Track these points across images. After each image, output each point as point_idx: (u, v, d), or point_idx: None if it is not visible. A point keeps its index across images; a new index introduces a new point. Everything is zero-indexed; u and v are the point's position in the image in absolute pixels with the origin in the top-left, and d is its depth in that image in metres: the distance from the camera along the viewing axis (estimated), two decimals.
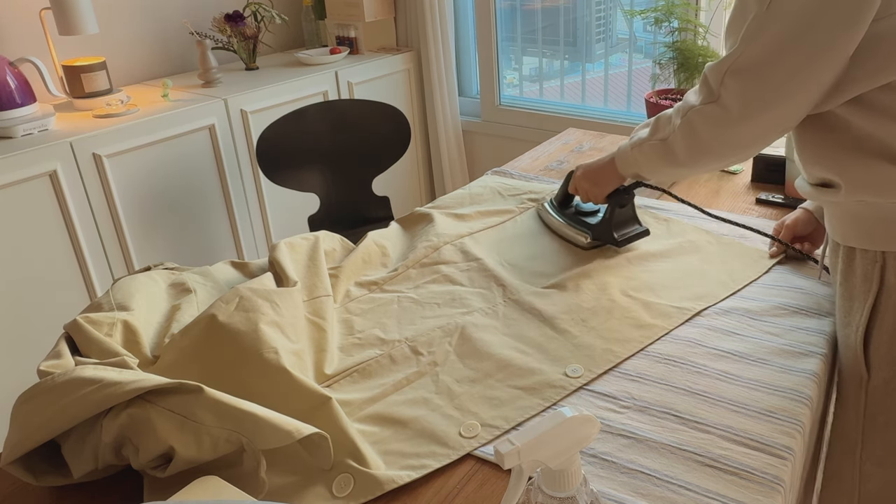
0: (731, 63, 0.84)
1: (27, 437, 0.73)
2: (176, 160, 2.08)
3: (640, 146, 1.03)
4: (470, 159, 2.96)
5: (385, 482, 0.75)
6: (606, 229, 1.19)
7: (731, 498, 0.71)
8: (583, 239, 1.21)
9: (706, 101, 0.89)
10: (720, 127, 0.88)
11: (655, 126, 1.01)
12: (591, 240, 1.20)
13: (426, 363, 0.94)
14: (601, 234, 1.20)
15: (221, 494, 0.65)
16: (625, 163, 1.09)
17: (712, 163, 0.95)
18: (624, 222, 1.20)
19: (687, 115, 0.93)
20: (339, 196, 2.17)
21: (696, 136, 0.92)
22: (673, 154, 0.97)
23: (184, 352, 0.88)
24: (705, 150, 0.92)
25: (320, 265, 1.11)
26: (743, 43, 0.82)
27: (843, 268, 0.93)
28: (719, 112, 0.87)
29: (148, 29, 2.42)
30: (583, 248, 1.20)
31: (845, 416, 0.97)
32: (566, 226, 1.25)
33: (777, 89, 0.81)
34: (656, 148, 1.00)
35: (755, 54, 0.81)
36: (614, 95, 2.62)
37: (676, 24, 1.53)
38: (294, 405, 0.80)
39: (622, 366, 0.93)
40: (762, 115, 0.84)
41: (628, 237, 1.19)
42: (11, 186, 1.73)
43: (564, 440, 0.55)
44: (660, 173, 1.05)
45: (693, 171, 1.00)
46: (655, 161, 1.01)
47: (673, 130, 0.96)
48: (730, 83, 0.85)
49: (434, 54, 2.69)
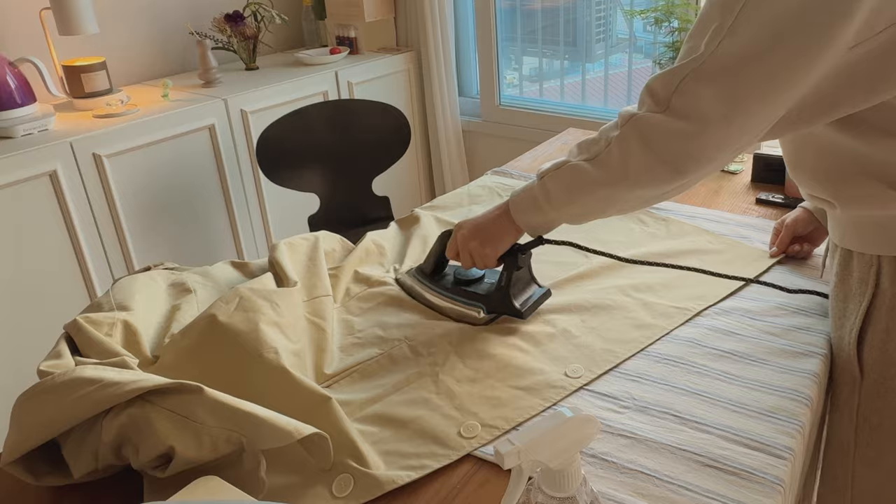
0: (689, 70, 0.78)
1: (27, 437, 0.73)
2: (176, 160, 2.08)
3: (557, 173, 0.90)
4: (470, 159, 2.96)
5: (385, 482, 0.75)
6: (503, 299, 1.01)
7: (731, 498, 0.71)
8: (475, 314, 1.02)
9: (651, 110, 0.81)
10: (671, 136, 0.79)
11: (576, 150, 0.90)
12: (485, 314, 1.02)
13: (426, 363, 0.94)
14: (497, 305, 1.02)
15: (221, 494, 0.65)
16: (527, 207, 0.94)
17: (647, 182, 0.83)
18: (521, 287, 1.03)
19: (628, 123, 0.83)
20: (339, 196, 2.17)
21: (639, 146, 0.82)
22: (607, 169, 0.85)
23: (184, 352, 0.88)
24: (646, 164, 0.82)
25: (320, 265, 1.11)
26: (707, 51, 0.77)
27: (840, 270, 0.93)
28: (668, 121, 0.79)
29: (148, 29, 2.42)
30: (477, 325, 1.02)
31: (839, 417, 0.97)
32: (449, 300, 1.04)
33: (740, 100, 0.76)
34: (580, 170, 0.87)
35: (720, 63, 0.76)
36: (614, 95, 2.62)
37: (676, 24, 1.53)
38: (294, 405, 0.80)
39: (622, 366, 0.93)
40: (720, 126, 0.77)
41: (531, 303, 1.02)
42: (11, 186, 1.73)
43: (564, 440, 0.55)
44: (582, 204, 0.90)
45: (623, 192, 0.86)
46: (579, 185, 0.88)
47: (606, 145, 0.85)
48: (688, 91, 0.78)
49: (434, 54, 2.69)
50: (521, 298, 1.02)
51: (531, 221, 0.95)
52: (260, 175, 2.28)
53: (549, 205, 0.91)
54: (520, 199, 0.95)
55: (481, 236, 0.98)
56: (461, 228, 1.01)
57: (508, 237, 0.98)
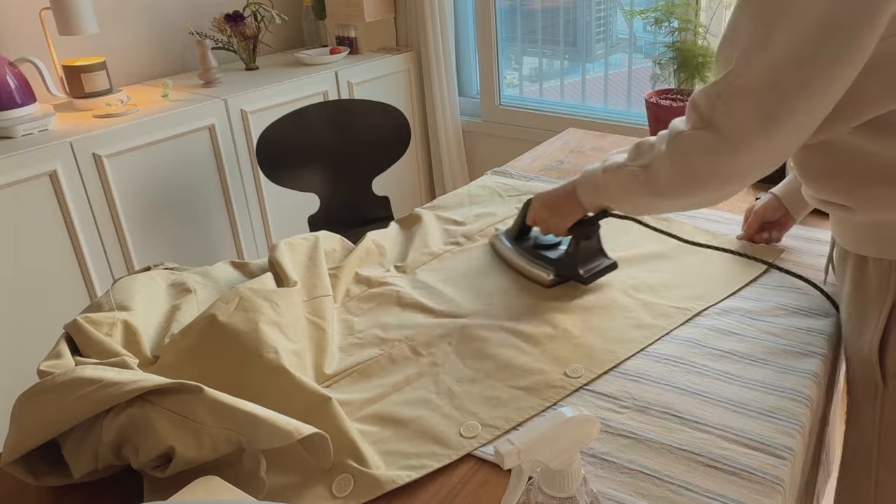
0: (725, 85, 0.78)
1: (27, 437, 0.73)
2: (176, 160, 2.08)
3: (616, 171, 0.95)
4: (470, 159, 2.96)
5: (385, 482, 0.75)
6: (570, 264, 1.09)
7: (730, 498, 0.71)
8: (545, 276, 1.10)
9: (696, 126, 0.83)
10: (711, 154, 0.81)
11: (636, 152, 0.93)
12: (553, 276, 1.10)
13: (426, 363, 0.94)
14: (565, 269, 1.10)
15: (221, 494, 0.65)
16: (590, 190, 1.01)
17: (696, 194, 0.87)
18: (589, 256, 1.10)
19: (674, 140, 0.85)
20: (339, 196, 2.17)
21: (684, 163, 0.84)
22: (654, 182, 0.89)
23: (184, 352, 0.88)
24: (692, 180, 0.85)
25: (320, 265, 1.11)
26: (740, 65, 0.77)
27: (855, 276, 0.92)
28: (711, 138, 0.80)
29: (148, 29, 2.42)
30: (545, 286, 1.10)
31: (860, 425, 0.96)
32: (525, 261, 1.14)
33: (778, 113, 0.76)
34: (635, 174, 0.92)
35: (755, 76, 0.76)
36: (614, 95, 2.62)
37: (676, 24, 1.53)
38: (294, 405, 0.80)
39: (622, 366, 0.93)
40: (759, 140, 0.78)
41: (595, 272, 1.09)
42: (11, 186, 1.73)
43: (564, 440, 0.55)
44: (632, 203, 0.97)
45: (672, 202, 0.91)
46: (631, 189, 0.93)
47: (657, 156, 0.88)
48: (724, 107, 0.79)
49: (434, 54, 2.69)
50: (587, 266, 1.09)
51: (591, 202, 1.03)
52: (260, 175, 2.28)
53: (607, 196, 0.98)
54: (585, 182, 1.02)
55: (551, 207, 1.07)
56: (537, 199, 1.10)
57: (575, 211, 1.05)
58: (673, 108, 1.51)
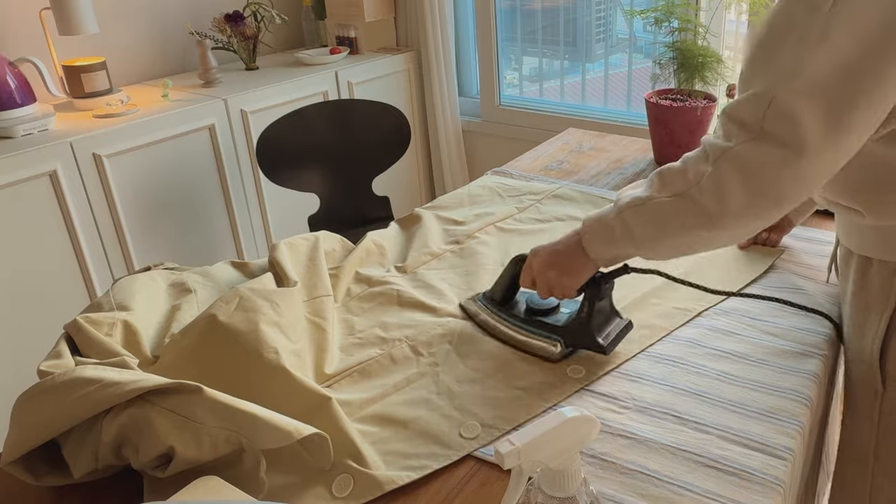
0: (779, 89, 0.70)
1: (27, 437, 0.73)
2: (176, 160, 2.08)
3: (639, 210, 0.81)
4: (470, 159, 2.96)
5: (385, 483, 0.75)
6: (584, 332, 0.92)
7: (730, 498, 0.71)
8: (553, 349, 0.93)
9: (744, 139, 0.73)
10: (773, 165, 0.72)
11: (660, 182, 0.81)
12: (562, 348, 0.93)
13: (426, 363, 0.94)
14: (577, 339, 0.93)
15: (221, 494, 0.65)
16: (601, 239, 0.86)
17: (756, 214, 0.75)
18: (603, 318, 0.94)
19: (724, 158, 0.74)
20: (339, 196, 2.17)
21: (738, 182, 0.74)
22: (700, 210, 0.76)
23: (184, 352, 0.88)
24: (753, 197, 0.74)
25: (320, 265, 1.11)
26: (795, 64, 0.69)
27: (858, 277, 0.91)
28: (768, 148, 0.72)
29: (148, 29, 2.42)
30: (553, 361, 0.93)
31: (857, 428, 0.95)
32: (524, 333, 0.96)
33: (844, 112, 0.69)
34: (667, 208, 0.79)
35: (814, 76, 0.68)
36: (614, 95, 2.62)
37: (676, 24, 1.53)
38: (294, 405, 0.80)
39: (622, 366, 0.93)
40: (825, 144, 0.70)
41: (614, 337, 0.93)
42: (11, 186, 1.73)
43: (564, 440, 0.55)
44: (664, 244, 0.82)
45: (719, 232, 0.78)
46: (665, 225, 0.79)
47: (700, 180, 0.76)
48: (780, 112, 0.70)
49: (434, 54, 2.69)
50: (604, 332, 0.93)
51: (603, 254, 0.87)
52: (260, 175, 2.28)
53: (630, 241, 0.83)
54: (593, 230, 0.87)
55: (560, 266, 0.90)
56: (536, 255, 0.93)
57: (588, 268, 0.89)
58: (673, 107, 1.51)
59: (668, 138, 1.55)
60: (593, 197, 1.41)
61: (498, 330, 0.99)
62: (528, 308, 0.99)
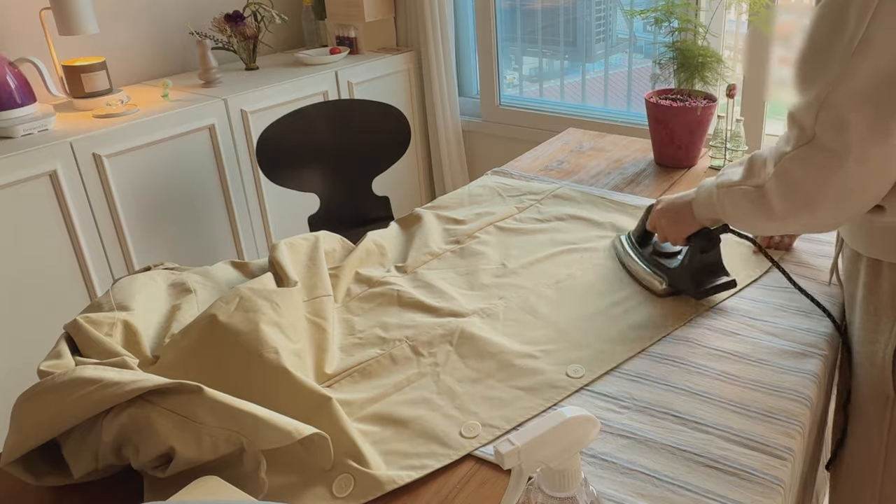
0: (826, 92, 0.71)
1: (27, 437, 0.73)
2: (176, 160, 2.08)
3: (730, 190, 0.89)
4: (470, 159, 2.96)
5: (385, 482, 0.75)
6: (684, 276, 1.04)
7: (730, 498, 0.71)
8: (658, 284, 1.06)
9: (799, 143, 0.76)
10: (818, 170, 0.74)
11: (750, 169, 0.86)
12: (665, 286, 1.05)
13: (427, 363, 0.94)
14: (678, 280, 1.05)
15: (221, 494, 0.65)
16: (705, 204, 0.96)
17: (810, 215, 0.79)
18: (706, 270, 1.04)
19: (780, 164, 0.79)
20: (339, 196, 2.17)
21: (791, 184, 0.78)
22: (765, 204, 0.83)
23: (184, 352, 0.88)
24: (802, 201, 0.78)
25: (320, 265, 1.11)
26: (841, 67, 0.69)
27: (868, 281, 0.90)
28: (815, 153, 0.74)
29: (148, 29, 2.42)
30: (657, 295, 1.06)
31: (866, 435, 0.94)
32: (641, 267, 1.10)
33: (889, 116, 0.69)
34: (749, 195, 0.85)
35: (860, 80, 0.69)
36: (614, 95, 2.62)
37: (676, 24, 1.53)
38: (294, 405, 0.80)
39: (623, 366, 0.93)
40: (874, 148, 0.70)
41: (709, 287, 1.03)
42: (11, 186, 1.73)
43: (565, 440, 0.55)
44: (745, 224, 0.91)
45: (784, 224, 0.84)
46: (746, 210, 0.87)
47: (767, 177, 0.82)
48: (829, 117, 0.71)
49: (434, 54, 2.69)
50: (702, 280, 1.03)
51: (707, 217, 0.98)
52: (260, 175, 2.28)
53: (722, 213, 0.93)
54: (700, 195, 0.98)
55: (670, 215, 1.03)
56: (658, 204, 1.06)
57: (692, 223, 1.00)
58: (673, 107, 1.51)
59: (668, 138, 1.55)
60: (593, 197, 1.41)
61: (621, 259, 1.15)
62: (655, 250, 1.12)
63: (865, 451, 0.95)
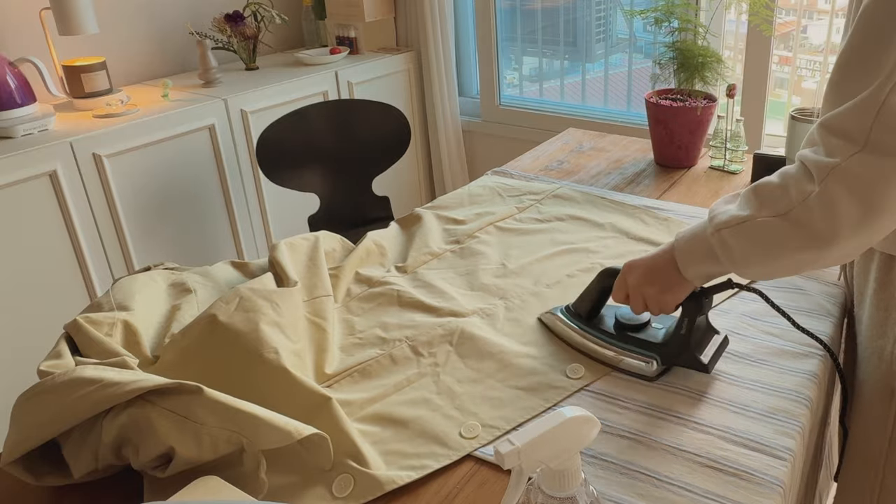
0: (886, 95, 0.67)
1: (27, 437, 0.73)
2: (176, 160, 2.08)
3: (739, 228, 0.77)
4: (470, 159, 2.96)
5: (385, 482, 0.75)
6: (685, 349, 0.89)
7: (730, 499, 0.71)
8: (648, 367, 0.89)
9: (850, 153, 0.69)
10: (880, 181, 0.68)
11: (757, 200, 0.76)
12: (657, 366, 0.89)
13: (427, 363, 0.94)
14: (676, 356, 0.90)
15: (221, 494, 0.65)
16: (699, 257, 0.82)
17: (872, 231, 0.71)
18: (701, 335, 0.91)
19: (829, 177, 0.70)
20: (339, 196, 2.17)
21: (849, 201, 0.69)
22: (810, 231, 0.72)
23: (184, 352, 0.88)
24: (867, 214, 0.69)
25: (320, 265, 1.11)
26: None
27: (880, 276, 0.89)
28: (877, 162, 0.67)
29: (148, 29, 2.42)
30: (649, 380, 0.89)
31: (868, 429, 0.94)
32: (616, 349, 0.92)
33: None
34: (771, 229, 0.74)
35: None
36: (614, 95, 2.62)
37: (676, 24, 1.53)
38: (294, 405, 0.80)
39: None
40: None
41: (714, 354, 0.90)
42: (11, 186, 1.73)
43: (564, 440, 0.55)
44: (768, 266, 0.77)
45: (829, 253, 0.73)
46: (770, 248, 0.75)
47: (802, 201, 0.72)
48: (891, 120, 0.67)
49: (434, 54, 2.69)
50: (703, 349, 0.90)
51: (703, 272, 0.84)
52: (260, 175, 2.28)
53: (729, 260, 0.79)
54: (688, 248, 0.84)
55: (660, 282, 0.87)
56: (632, 271, 0.89)
57: (685, 285, 0.86)
58: (673, 107, 1.51)
59: (668, 138, 1.55)
60: (593, 197, 1.41)
61: (586, 346, 0.94)
62: (618, 323, 0.95)
63: (867, 444, 0.95)
